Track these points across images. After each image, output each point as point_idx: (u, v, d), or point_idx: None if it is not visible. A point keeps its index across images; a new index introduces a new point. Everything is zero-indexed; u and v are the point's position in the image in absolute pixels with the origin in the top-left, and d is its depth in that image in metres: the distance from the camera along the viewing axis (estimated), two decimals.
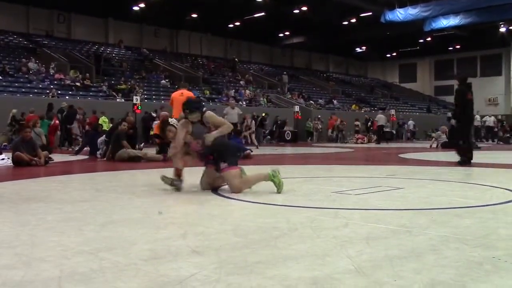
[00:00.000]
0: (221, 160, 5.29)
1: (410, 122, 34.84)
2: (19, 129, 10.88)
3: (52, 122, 17.57)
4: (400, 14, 33.17)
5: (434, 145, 19.50)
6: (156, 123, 15.58)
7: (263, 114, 27.14)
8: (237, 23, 38.07)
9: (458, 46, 45.62)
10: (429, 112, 42.88)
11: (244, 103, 29.93)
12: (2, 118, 17.77)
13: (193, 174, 5.79)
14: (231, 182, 5.27)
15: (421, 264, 2.46)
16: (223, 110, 16.87)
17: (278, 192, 5.21)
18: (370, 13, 34.84)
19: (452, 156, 10.16)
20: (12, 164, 9.62)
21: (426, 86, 51.99)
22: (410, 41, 43.69)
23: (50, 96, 22.12)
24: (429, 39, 42.48)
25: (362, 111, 35.32)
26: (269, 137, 27.93)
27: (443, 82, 50.27)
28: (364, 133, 28.32)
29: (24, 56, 27.15)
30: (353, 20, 36.98)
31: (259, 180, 5.43)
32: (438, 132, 20.75)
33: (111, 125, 17.15)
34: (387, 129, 27.68)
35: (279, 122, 28.48)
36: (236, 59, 40.12)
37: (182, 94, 10.12)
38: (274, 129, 28.57)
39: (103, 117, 20.05)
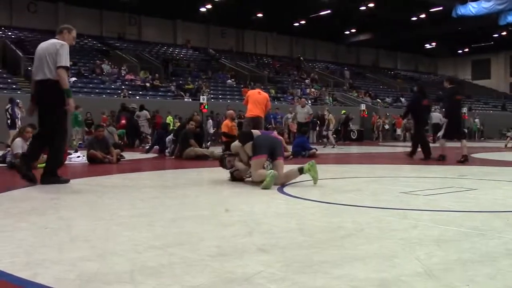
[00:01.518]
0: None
1: (477, 120, 33.41)
2: (95, 128, 11.40)
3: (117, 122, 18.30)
4: (473, 8, 31.84)
5: (510, 145, 18.56)
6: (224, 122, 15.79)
7: (343, 112, 26.82)
8: (303, 22, 37.96)
9: None
10: (504, 110, 40.88)
11: (309, 101, 29.75)
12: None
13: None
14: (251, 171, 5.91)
15: (495, 269, 2.35)
16: (291, 108, 16.86)
17: (315, 183, 5.71)
18: (441, 8, 33.67)
19: None
20: (87, 161, 10.08)
21: (501, 83, 49.58)
22: (484, 35, 41.85)
23: (122, 97, 23.01)
24: (504, 33, 40.49)
25: (432, 110, 34.19)
26: (334, 135, 27.59)
27: None
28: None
29: (97, 58, 28.38)
30: (423, 16, 35.88)
31: (291, 177, 5.91)
32: None
33: (178, 123, 17.61)
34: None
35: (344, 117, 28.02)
36: (301, 58, 40.00)
37: (259, 93, 10.74)
38: (339, 127, 28.21)
39: (169, 116, 20.63)
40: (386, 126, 29.23)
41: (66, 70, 5.97)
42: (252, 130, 6.54)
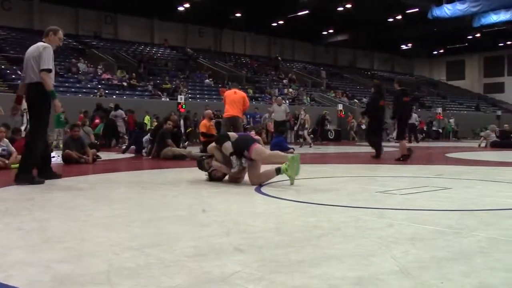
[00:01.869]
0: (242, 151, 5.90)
1: (452, 120, 33.95)
2: (70, 128, 11.29)
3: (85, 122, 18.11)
4: (448, 10, 32.33)
5: (483, 145, 18.90)
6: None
7: (324, 112, 26.96)
8: (281, 22, 38.04)
9: (509, 42, 44.02)
10: (477, 110, 41.63)
11: (287, 101, 29.85)
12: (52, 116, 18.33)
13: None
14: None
15: (469, 266, 2.40)
16: (269, 108, 16.82)
17: (291, 183, 5.71)
18: (417, 9, 34.13)
19: (504, 155, 9.84)
20: (62, 161, 9.94)
21: (475, 84, 50.45)
22: (458, 37, 42.51)
23: (98, 96, 22.75)
24: (478, 35, 41.19)
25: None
26: (311, 135, 27.76)
27: (493, 79, 48.72)
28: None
29: (73, 57, 28.00)
30: (399, 17, 36.31)
31: (269, 177, 5.93)
32: (488, 131, 20.12)
33: (155, 123, 17.48)
34: (434, 128, 27.04)
35: (320, 117, 28.19)
36: (279, 58, 40.09)
37: (235, 93, 10.59)
38: (316, 127, 28.38)
39: (147, 116, 20.47)
40: (363, 126, 29.44)
41: (48, 72, 6.08)
42: (228, 133, 6.52)
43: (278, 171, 5.79)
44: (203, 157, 6.56)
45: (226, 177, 6.20)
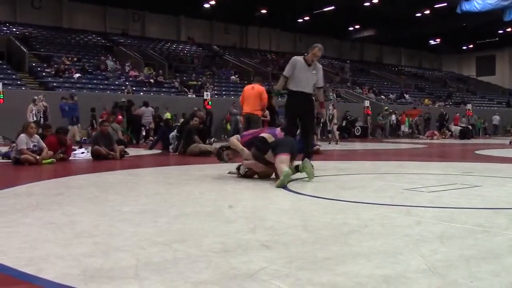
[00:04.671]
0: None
1: (494, 117, 33.27)
2: (99, 124, 11.50)
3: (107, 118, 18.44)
4: (477, 4, 31.68)
5: None
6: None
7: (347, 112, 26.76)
8: (306, 18, 37.84)
9: None
10: (508, 106, 40.71)
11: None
12: (83, 113, 18.59)
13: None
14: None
15: (500, 265, 2.35)
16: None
17: (311, 179, 5.77)
18: (445, 4, 33.53)
19: None
20: (91, 157, 10.10)
21: (505, 79, 49.32)
22: (488, 32, 41.63)
23: (126, 93, 23.02)
24: (509, 29, 40.29)
25: (436, 106, 34.10)
26: (338, 132, 27.56)
27: None
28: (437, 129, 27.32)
29: (101, 54, 28.39)
30: (427, 12, 35.73)
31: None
32: None
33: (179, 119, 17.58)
34: (463, 125, 26.55)
35: (349, 117, 27.99)
36: (305, 54, 39.87)
37: (253, 88, 10.23)
38: (344, 124, 28.16)
39: (167, 113, 20.62)
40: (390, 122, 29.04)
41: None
42: (264, 135, 6.36)
43: (297, 169, 5.87)
44: (223, 148, 6.56)
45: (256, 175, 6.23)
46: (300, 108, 7.27)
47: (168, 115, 20.27)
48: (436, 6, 34.29)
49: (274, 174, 6.02)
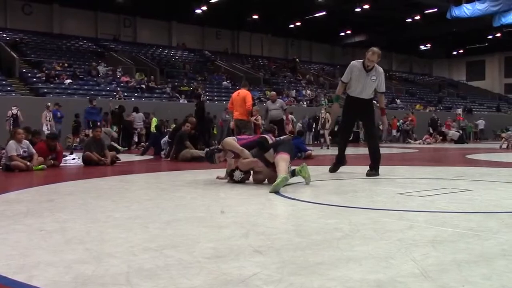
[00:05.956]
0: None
1: (480, 122, 33.50)
2: (92, 129, 11.48)
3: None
4: (467, 9, 31.97)
5: (505, 146, 18.63)
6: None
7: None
8: (298, 23, 38.02)
9: None
10: (498, 111, 41.04)
11: (305, 103, 29.81)
12: (71, 119, 18.52)
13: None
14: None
15: (491, 269, 2.36)
16: (264, 104, 15.76)
17: (307, 183, 5.79)
18: (435, 9, 33.82)
19: None
20: (82, 163, 10.05)
21: (495, 84, 49.76)
22: (478, 37, 42.06)
23: (117, 98, 22.96)
24: (498, 34, 40.71)
25: (427, 111, 34.29)
26: (330, 137, 27.61)
27: None
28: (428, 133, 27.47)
29: (93, 60, 28.33)
30: (417, 17, 36.01)
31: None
32: (509, 132, 19.83)
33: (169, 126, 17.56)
34: (454, 129, 26.72)
35: (339, 121, 28.00)
36: (296, 59, 40.04)
37: (238, 94, 10.24)
38: (336, 129, 28.20)
39: (154, 118, 20.59)
40: (381, 127, 29.15)
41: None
42: (264, 136, 6.39)
43: (293, 173, 5.81)
44: (215, 150, 6.52)
45: (250, 179, 6.22)
46: (355, 114, 7.15)
47: (154, 121, 20.17)
48: (427, 11, 34.59)
49: (267, 180, 6.02)
